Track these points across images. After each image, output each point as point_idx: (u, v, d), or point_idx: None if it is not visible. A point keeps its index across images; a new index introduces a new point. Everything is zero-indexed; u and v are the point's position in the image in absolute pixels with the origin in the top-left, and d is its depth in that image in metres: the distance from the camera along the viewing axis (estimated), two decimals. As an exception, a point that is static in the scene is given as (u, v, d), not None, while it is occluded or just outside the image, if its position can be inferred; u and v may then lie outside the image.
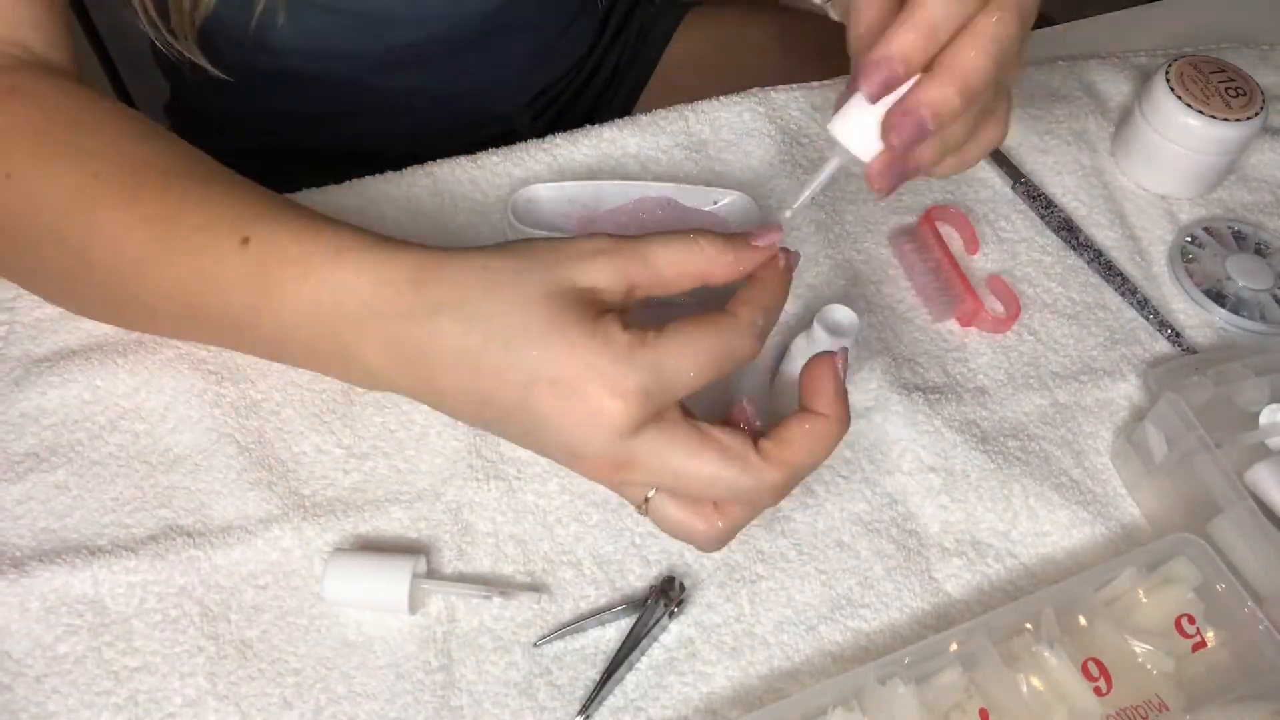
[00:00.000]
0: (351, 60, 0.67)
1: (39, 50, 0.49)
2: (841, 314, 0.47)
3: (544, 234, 0.51)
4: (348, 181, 0.57)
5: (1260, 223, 0.60)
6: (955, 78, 0.38)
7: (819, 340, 0.46)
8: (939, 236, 0.56)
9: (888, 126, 0.39)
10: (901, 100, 0.38)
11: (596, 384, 0.36)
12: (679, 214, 0.53)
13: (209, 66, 0.57)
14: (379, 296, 0.39)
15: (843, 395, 0.39)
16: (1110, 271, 0.57)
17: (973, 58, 0.38)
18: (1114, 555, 0.47)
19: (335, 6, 0.63)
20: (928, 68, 0.38)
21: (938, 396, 0.51)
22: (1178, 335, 0.55)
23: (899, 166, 0.40)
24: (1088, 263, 0.58)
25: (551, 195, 0.53)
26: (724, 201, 0.53)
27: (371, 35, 0.66)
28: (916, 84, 0.38)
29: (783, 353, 0.50)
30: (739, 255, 0.39)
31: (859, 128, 0.39)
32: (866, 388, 0.51)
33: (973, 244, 0.57)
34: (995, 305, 0.55)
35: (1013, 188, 0.60)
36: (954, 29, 0.38)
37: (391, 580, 0.43)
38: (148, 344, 0.50)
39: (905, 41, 0.37)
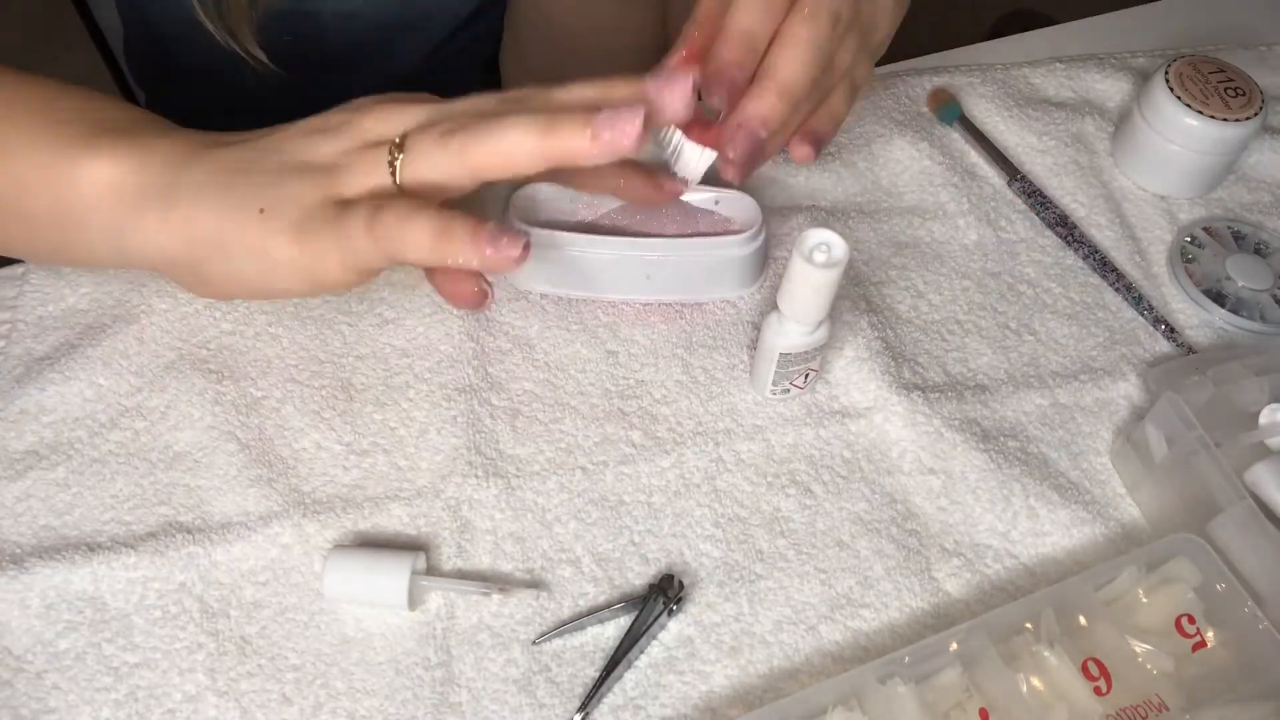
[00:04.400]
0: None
1: None
2: (828, 236, 0.44)
3: (545, 233, 0.51)
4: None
5: (1260, 223, 0.60)
6: (776, 86, 0.42)
7: (797, 267, 0.43)
8: None
9: (725, 141, 0.43)
10: (734, 116, 0.43)
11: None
12: (681, 212, 0.53)
13: (265, 60, 0.56)
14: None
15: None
16: (1110, 271, 0.57)
17: (789, 66, 0.42)
18: (1114, 555, 0.47)
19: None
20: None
21: (937, 396, 0.51)
22: (1178, 335, 0.55)
23: (749, 162, 0.44)
24: (1086, 260, 0.58)
25: (551, 194, 0.53)
26: (726, 200, 0.53)
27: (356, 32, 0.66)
28: (746, 97, 0.43)
29: (757, 335, 0.50)
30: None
31: (689, 163, 0.46)
32: (866, 388, 0.51)
33: None
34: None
35: (1009, 184, 0.60)
36: (770, 34, 0.42)
37: (390, 577, 0.43)
38: (149, 343, 0.50)
39: (728, 56, 0.42)
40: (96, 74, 0.80)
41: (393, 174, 0.40)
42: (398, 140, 0.40)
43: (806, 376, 0.50)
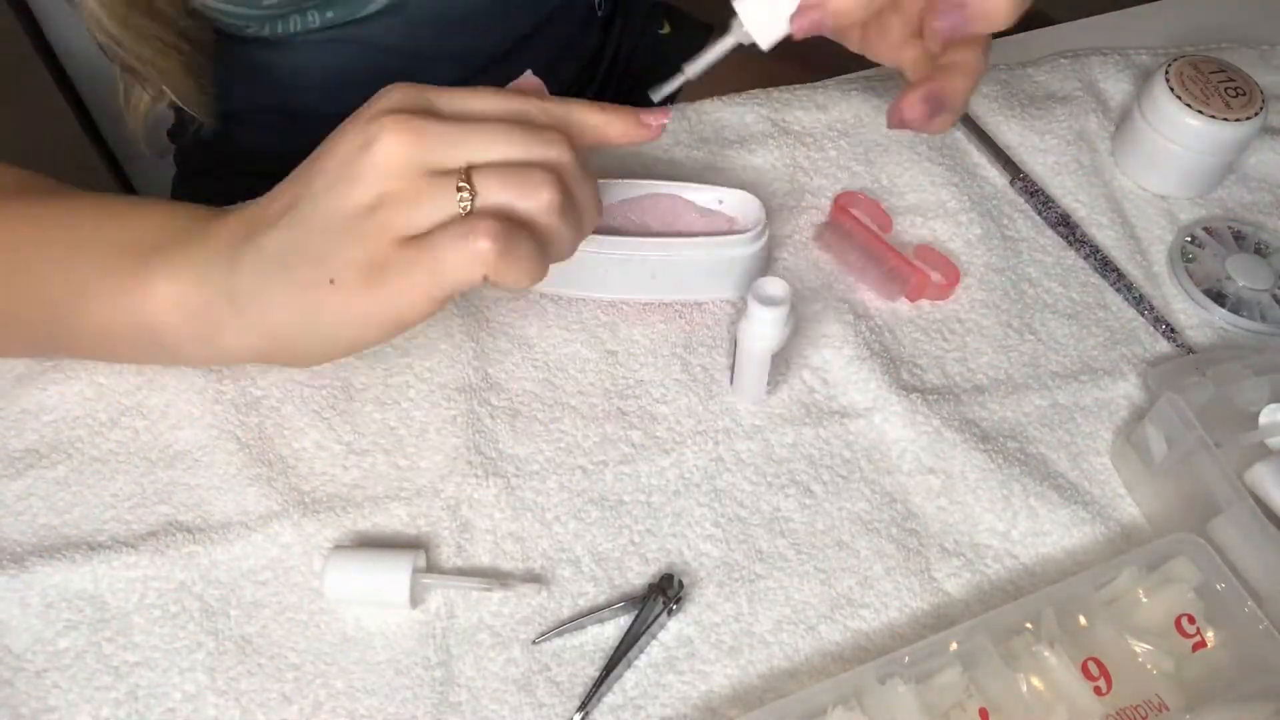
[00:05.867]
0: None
1: None
2: (774, 286, 0.46)
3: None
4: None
5: (1260, 223, 0.60)
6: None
7: (754, 314, 0.46)
8: (858, 221, 0.57)
9: (798, 21, 0.43)
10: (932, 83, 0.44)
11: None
12: (686, 212, 0.53)
13: (147, 152, 0.60)
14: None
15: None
16: (1110, 271, 0.57)
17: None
18: (1114, 555, 0.47)
19: (357, 38, 0.62)
20: None
21: (936, 397, 0.51)
22: (1178, 335, 0.55)
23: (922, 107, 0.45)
24: (1085, 259, 0.58)
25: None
26: (730, 200, 0.53)
27: (394, 71, 0.66)
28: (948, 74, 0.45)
29: (734, 343, 0.50)
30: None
31: (766, 13, 0.44)
32: (866, 388, 0.51)
33: (885, 222, 0.58)
34: (934, 274, 0.55)
35: (1010, 184, 0.60)
36: None
37: (392, 574, 0.43)
38: (148, 341, 0.50)
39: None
40: (49, 94, 0.79)
41: (465, 208, 0.38)
42: (463, 178, 0.38)
43: (788, 364, 0.51)
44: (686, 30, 0.85)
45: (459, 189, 0.38)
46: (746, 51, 0.46)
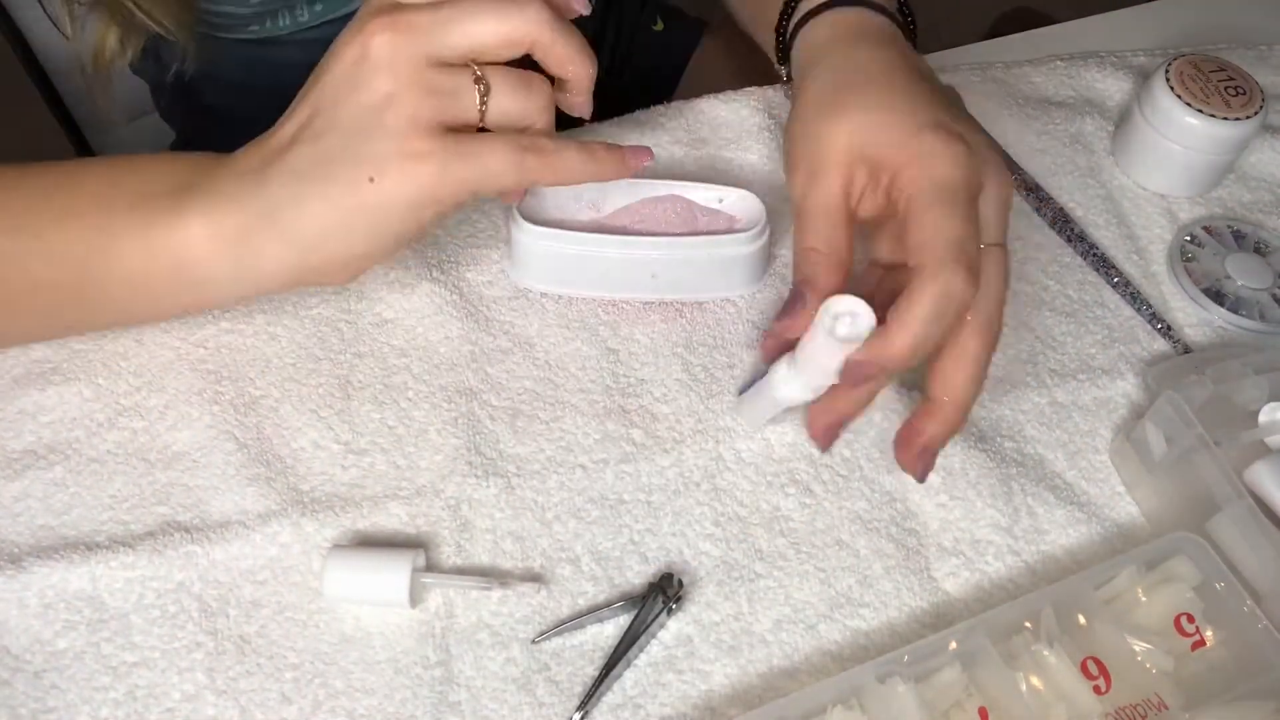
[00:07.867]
0: None
1: None
2: (856, 306, 0.41)
3: (549, 232, 0.51)
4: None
5: (1260, 222, 0.60)
6: (953, 408, 0.43)
7: (820, 333, 0.41)
8: None
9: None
10: (909, 427, 0.44)
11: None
12: (686, 211, 0.53)
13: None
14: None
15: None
16: (1109, 270, 0.57)
17: (963, 383, 0.43)
18: (1113, 554, 0.47)
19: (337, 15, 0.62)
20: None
21: (937, 395, 0.51)
22: (1176, 334, 0.55)
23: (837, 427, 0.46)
24: (1083, 257, 0.58)
25: (555, 191, 0.53)
26: (730, 199, 0.53)
27: None
28: (921, 413, 0.43)
29: (753, 375, 0.49)
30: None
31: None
32: (866, 386, 0.51)
33: None
34: None
35: (1011, 186, 0.61)
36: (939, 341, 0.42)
37: (392, 574, 0.43)
38: (147, 343, 0.50)
39: (897, 352, 0.40)
40: (32, 103, 0.79)
41: (481, 111, 0.41)
42: (478, 74, 0.40)
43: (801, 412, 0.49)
44: (679, 26, 0.85)
45: (475, 82, 0.40)
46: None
